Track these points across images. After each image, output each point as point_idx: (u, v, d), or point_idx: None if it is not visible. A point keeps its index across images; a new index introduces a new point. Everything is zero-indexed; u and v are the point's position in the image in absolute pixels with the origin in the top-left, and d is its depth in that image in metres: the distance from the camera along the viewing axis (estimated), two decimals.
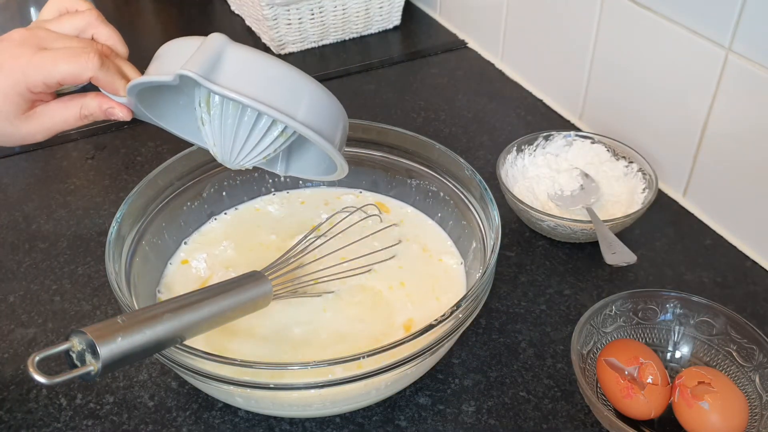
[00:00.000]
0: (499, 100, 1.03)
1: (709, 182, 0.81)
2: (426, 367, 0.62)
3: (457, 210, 0.73)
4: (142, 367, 0.66)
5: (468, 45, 1.16)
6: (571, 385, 0.65)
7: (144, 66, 0.59)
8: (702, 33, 0.76)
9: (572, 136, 0.86)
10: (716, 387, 0.57)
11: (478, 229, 0.69)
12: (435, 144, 0.74)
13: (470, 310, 0.59)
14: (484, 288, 0.60)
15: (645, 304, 0.66)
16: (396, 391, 0.62)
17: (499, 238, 0.63)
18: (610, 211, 0.80)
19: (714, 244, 0.79)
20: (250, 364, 0.53)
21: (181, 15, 1.29)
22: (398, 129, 0.76)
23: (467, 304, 0.58)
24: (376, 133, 0.77)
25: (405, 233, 0.75)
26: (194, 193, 0.75)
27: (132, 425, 0.62)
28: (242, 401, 0.58)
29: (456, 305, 0.57)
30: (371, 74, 1.10)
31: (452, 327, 0.57)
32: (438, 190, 0.75)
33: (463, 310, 0.57)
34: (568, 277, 0.75)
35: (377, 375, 0.54)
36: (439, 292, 0.69)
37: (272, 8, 1.09)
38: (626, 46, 0.86)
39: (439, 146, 0.73)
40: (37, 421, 0.62)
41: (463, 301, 0.57)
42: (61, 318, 0.71)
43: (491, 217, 0.65)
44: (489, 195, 0.67)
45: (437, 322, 0.55)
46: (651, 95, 0.85)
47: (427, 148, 0.75)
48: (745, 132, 0.75)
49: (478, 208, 0.69)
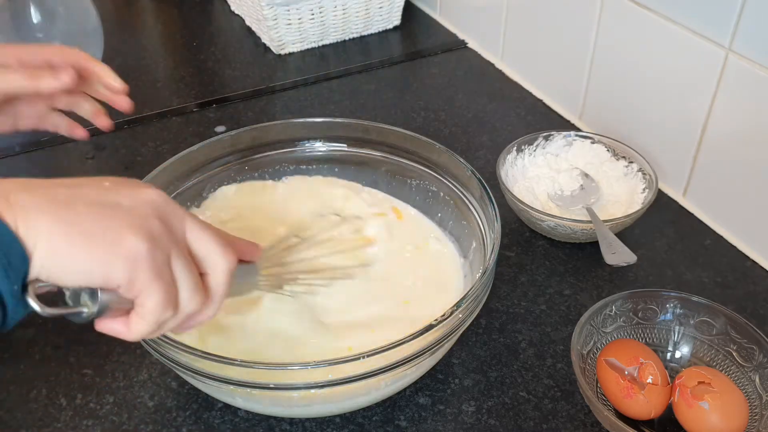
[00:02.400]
0: (499, 100, 1.03)
1: (709, 182, 0.81)
2: (426, 367, 0.62)
3: (457, 210, 0.73)
4: (142, 367, 0.66)
5: (468, 45, 1.16)
6: (571, 385, 0.65)
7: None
8: (702, 33, 0.76)
9: (572, 136, 0.86)
10: (716, 387, 0.57)
11: (478, 229, 0.69)
12: (435, 144, 0.74)
13: (470, 310, 0.59)
14: (484, 288, 0.60)
15: (645, 304, 0.66)
16: (395, 391, 0.62)
17: (498, 238, 0.63)
18: (610, 211, 0.80)
19: (714, 244, 0.79)
20: (250, 364, 0.53)
21: (181, 15, 1.29)
22: (398, 129, 0.76)
23: (467, 304, 0.58)
24: (376, 133, 0.77)
25: (391, 248, 0.73)
26: (194, 193, 0.75)
27: (132, 425, 0.62)
28: (242, 401, 0.58)
29: (456, 305, 0.57)
30: (371, 74, 1.10)
31: (452, 327, 0.57)
32: (438, 190, 0.75)
33: (462, 310, 0.57)
34: (568, 277, 0.75)
35: (376, 375, 0.54)
36: (440, 292, 0.68)
37: (272, 8, 1.08)
38: (626, 46, 0.86)
39: (439, 146, 0.73)
40: (37, 421, 0.62)
41: (463, 301, 0.57)
42: (61, 317, 0.71)
43: (491, 218, 0.65)
44: (489, 195, 0.67)
45: (437, 322, 0.55)
46: (651, 95, 0.85)
47: (427, 149, 0.75)
48: (745, 132, 0.75)
49: (478, 208, 0.69)
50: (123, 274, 0.42)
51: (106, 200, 0.44)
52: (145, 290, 0.43)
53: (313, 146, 0.78)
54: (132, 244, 0.42)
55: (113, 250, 0.42)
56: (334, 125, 0.78)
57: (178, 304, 0.45)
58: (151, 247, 0.43)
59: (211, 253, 0.47)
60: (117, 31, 1.21)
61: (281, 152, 0.78)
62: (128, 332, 0.46)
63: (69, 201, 0.43)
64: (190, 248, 0.47)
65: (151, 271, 0.43)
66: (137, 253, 0.42)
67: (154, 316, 0.44)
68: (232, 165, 0.77)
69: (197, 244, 0.47)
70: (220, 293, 0.48)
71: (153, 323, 0.45)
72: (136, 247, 0.42)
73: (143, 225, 0.43)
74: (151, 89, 1.06)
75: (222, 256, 0.48)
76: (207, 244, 0.47)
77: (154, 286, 0.43)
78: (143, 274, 0.43)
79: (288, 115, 1.00)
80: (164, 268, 0.44)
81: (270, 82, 1.08)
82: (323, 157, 0.79)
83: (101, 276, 0.42)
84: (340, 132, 0.78)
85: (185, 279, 0.45)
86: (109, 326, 0.46)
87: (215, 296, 0.48)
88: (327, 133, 0.78)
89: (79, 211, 0.42)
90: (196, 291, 0.46)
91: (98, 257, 0.41)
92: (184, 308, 0.46)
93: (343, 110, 1.01)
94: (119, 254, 0.42)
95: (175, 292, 0.45)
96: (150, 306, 0.44)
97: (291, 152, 0.78)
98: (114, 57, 1.11)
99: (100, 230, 0.42)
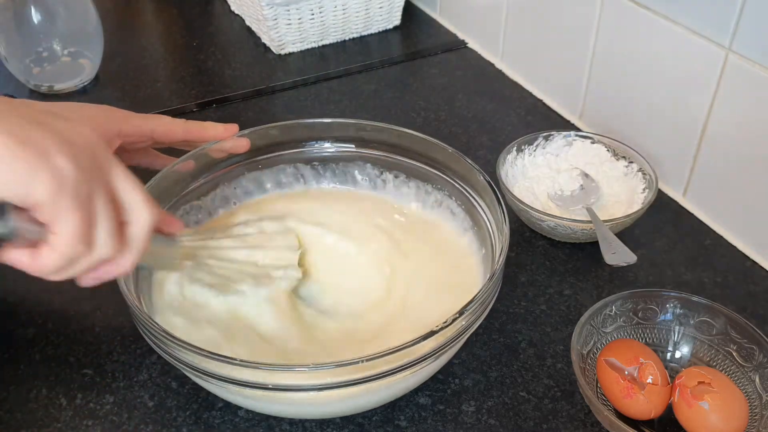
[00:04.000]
0: (499, 100, 1.03)
1: (709, 182, 0.81)
2: (430, 371, 0.61)
3: (466, 213, 0.72)
4: (142, 367, 0.66)
5: (468, 45, 1.16)
6: (571, 385, 0.65)
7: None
8: (702, 33, 0.76)
9: (572, 136, 0.86)
10: (716, 387, 0.57)
11: (486, 232, 0.68)
12: (448, 147, 0.72)
13: (477, 315, 0.58)
14: (492, 292, 0.59)
15: (645, 304, 0.66)
16: (397, 396, 0.62)
17: (507, 243, 0.61)
18: (610, 211, 0.80)
19: (714, 244, 0.79)
20: (256, 365, 0.52)
21: (181, 15, 1.29)
22: (413, 132, 0.75)
23: (473, 308, 0.56)
24: (389, 134, 0.76)
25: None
26: (197, 195, 0.75)
27: (132, 425, 0.62)
28: (242, 399, 0.58)
29: (459, 312, 0.56)
30: (371, 74, 1.10)
31: (457, 332, 0.56)
32: (449, 193, 0.74)
33: (466, 316, 0.56)
34: (568, 277, 0.75)
35: (377, 379, 0.54)
36: (451, 292, 0.67)
37: (272, 8, 1.09)
38: (626, 46, 0.86)
39: (451, 150, 0.72)
40: (37, 421, 0.62)
41: (467, 307, 0.56)
42: (61, 318, 0.71)
43: (499, 221, 0.64)
44: (499, 198, 0.65)
45: (438, 329, 0.54)
46: (651, 95, 0.85)
47: (437, 151, 0.73)
48: (745, 132, 0.75)
49: (487, 212, 0.68)
50: (45, 191, 0.40)
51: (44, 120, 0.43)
52: (63, 216, 0.41)
53: (322, 146, 0.78)
54: (61, 162, 0.41)
55: (40, 164, 0.40)
56: (342, 126, 0.77)
57: (93, 243, 0.43)
58: (77, 174, 0.41)
59: (136, 202, 0.46)
60: (117, 31, 1.21)
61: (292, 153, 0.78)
62: (33, 264, 0.43)
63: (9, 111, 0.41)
64: (115, 194, 0.45)
65: (73, 197, 0.41)
66: (64, 173, 0.41)
67: (66, 248, 0.42)
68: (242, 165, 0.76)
69: (123, 191, 0.46)
70: (138, 245, 0.47)
71: (64, 256, 0.43)
72: (64, 167, 0.41)
73: (73, 151, 0.42)
74: (151, 89, 1.06)
75: (145, 209, 0.47)
76: (132, 194, 0.46)
77: (74, 214, 0.41)
78: (65, 198, 0.41)
79: (288, 115, 1.01)
80: (86, 200, 0.42)
81: (270, 82, 1.08)
82: (330, 158, 0.78)
83: (23, 187, 0.40)
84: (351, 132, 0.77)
85: (104, 219, 0.44)
86: (13, 256, 0.43)
87: (132, 247, 0.47)
88: (335, 134, 0.77)
89: (12, 121, 0.41)
90: (113, 234, 0.45)
91: (23, 166, 0.40)
92: (99, 249, 0.44)
93: (343, 110, 1.01)
94: (46, 168, 0.40)
95: (92, 230, 0.43)
96: (64, 234, 0.42)
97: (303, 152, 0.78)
98: (114, 57, 1.11)
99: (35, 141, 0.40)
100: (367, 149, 0.77)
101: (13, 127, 0.40)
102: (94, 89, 1.06)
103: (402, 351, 0.53)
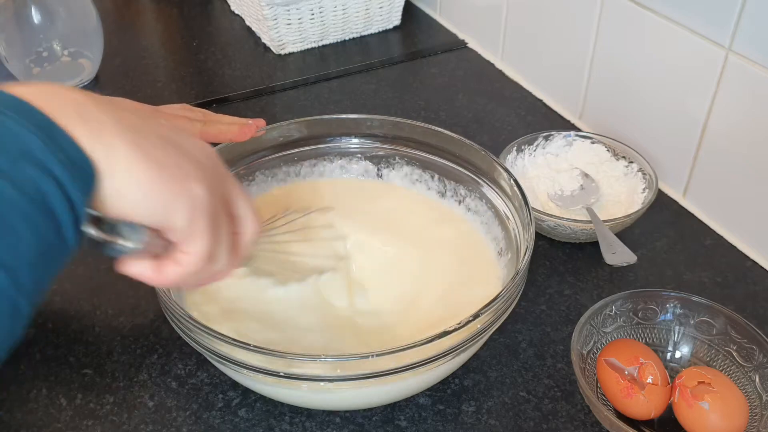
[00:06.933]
0: (499, 100, 1.03)
1: (709, 182, 0.81)
2: (459, 362, 0.61)
3: (496, 217, 0.73)
4: (142, 367, 0.66)
5: (468, 45, 1.16)
6: (571, 385, 0.65)
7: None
8: (702, 33, 0.76)
9: (572, 136, 0.86)
10: (716, 387, 0.57)
11: (512, 237, 0.68)
12: (481, 149, 0.74)
13: (498, 314, 0.58)
14: (517, 289, 0.59)
15: (645, 304, 0.66)
16: (408, 395, 0.62)
17: (533, 241, 0.61)
18: (610, 211, 0.80)
19: (714, 244, 0.79)
20: (284, 354, 0.53)
21: (181, 15, 1.29)
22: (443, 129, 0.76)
23: (492, 309, 0.56)
24: (411, 130, 0.77)
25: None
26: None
27: (132, 425, 0.62)
28: (260, 386, 0.59)
29: (473, 315, 0.55)
30: (371, 74, 1.10)
31: (477, 330, 0.56)
32: (479, 195, 0.75)
33: (481, 320, 0.56)
34: (568, 277, 0.75)
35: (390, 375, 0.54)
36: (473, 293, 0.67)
37: (272, 8, 1.08)
38: (626, 46, 0.86)
39: (485, 152, 0.73)
40: (37, 421, 0.62)
41: (483, 310, 0.56)
42: (61, 318, 0.71)
43: (525, 221, 0.64)
44: (526, 199, 0.66)
45: (452, 329, 0.54)
46: (651, 95, 0.85)
47: (467, 150, 0.75)
48: (746, 132, 0.75)
49: (516, 218, 0.68)
50: (184, 216, 0.41)
51: (172, 138, 0.42)
52: (197, 239, 0.42)
53: (349, 142, 0.79)
54: (198, 189, 0.41)
55: (182, 190, 0.41)
56: (367, 121, 0.78)
57: (215, 259, 0.45)
58: (210, 198, 0.42)
59: (248, 214, 0.48)
60: (117, 31, 1.21)
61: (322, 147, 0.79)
62: (157, 277, 0.44)
63: (141, 129, 0.41)
64: (230, 206, 0.46)
65: (206, 221, 0.42)
66: (200, 198, 0.42)
67: (193, 265, 0.43)
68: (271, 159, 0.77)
69: (238, 205, 0.47)
70: (246, 254, 0.49)
71: (189, 272, 0.44)
72: (200, 193, 0.42)
73: (206, 174, 0.43)
74: (151, 89, 1.06)
75: (254, 219, 0.48)
76: (245, 206, 0.47)
77: (205, 237, 0.43)
78: (200, 222, 0.42)
79: (287, 115, 1.01)
80: (215, 221, 0.43)
81: (270, 82, 1.08)
82: (354, 152, 0.80)
83: (164, 213, 0.40)
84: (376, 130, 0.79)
85: (226, 235, 0.45)
86: (137, 268, 0.44)
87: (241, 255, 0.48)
88: (363, 131, 0.79)
89: (153, 142, 0.40)
90: (232, 248, 0.46)
91: (167, 194, 0.40)
92: (218, 263, 0.45)
93: (343, 110, 1.01)
94: (186, 195, 0.41)
95: (217, 248, 0.45)
96: (194, 253, 0.43)
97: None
98: (114, 57, 1.11)
99: (173, 167, 0.40)
100: (405, 147, 0.78)
101: (150, 150, 0.40)
102: (94, 89, 1.06)
103: (438, 341, 0.54)
